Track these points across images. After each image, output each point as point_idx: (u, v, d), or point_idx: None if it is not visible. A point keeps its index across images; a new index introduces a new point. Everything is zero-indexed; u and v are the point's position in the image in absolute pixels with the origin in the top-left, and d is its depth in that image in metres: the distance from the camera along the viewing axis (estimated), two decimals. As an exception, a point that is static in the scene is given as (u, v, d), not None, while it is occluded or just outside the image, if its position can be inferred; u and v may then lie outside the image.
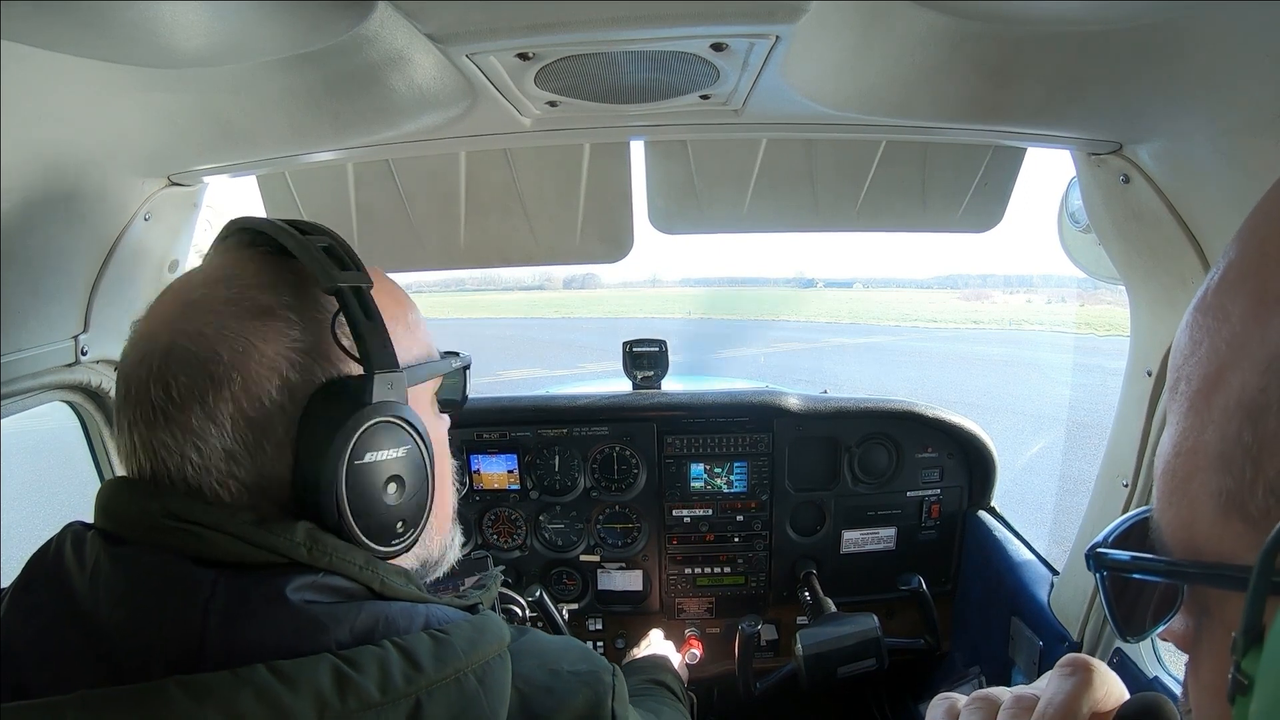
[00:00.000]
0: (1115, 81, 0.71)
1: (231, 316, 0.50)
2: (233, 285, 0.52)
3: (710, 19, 0.69)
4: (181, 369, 0.49)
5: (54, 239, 0.90)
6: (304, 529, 0.48)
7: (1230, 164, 0.78)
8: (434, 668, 0.47)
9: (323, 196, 1.34)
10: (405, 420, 0.53)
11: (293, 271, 0.54)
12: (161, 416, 0.49)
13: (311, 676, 0.42)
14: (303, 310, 0.52)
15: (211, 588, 0.45)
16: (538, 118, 0.97)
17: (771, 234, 1.49)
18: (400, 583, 0.52)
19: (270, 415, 0.49)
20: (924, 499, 1.76)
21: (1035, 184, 1.72)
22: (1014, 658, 1.49)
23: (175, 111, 0.78)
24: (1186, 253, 0.91)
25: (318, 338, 0.52)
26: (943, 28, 0.61)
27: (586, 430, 1.72)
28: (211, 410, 0.48)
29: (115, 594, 0.45)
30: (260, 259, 0.55)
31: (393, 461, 0.52)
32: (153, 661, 0.43)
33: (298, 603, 0.46)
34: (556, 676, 0.55)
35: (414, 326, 0.62)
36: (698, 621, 1.82)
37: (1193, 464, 0.30)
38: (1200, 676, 0.32)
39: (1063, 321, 23.61)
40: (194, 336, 0.49)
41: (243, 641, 0.44)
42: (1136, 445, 1.12)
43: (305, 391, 0.50)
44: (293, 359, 0.50)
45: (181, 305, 0.52)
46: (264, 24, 0.59)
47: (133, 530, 0.48)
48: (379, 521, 0.52)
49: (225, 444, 0.49)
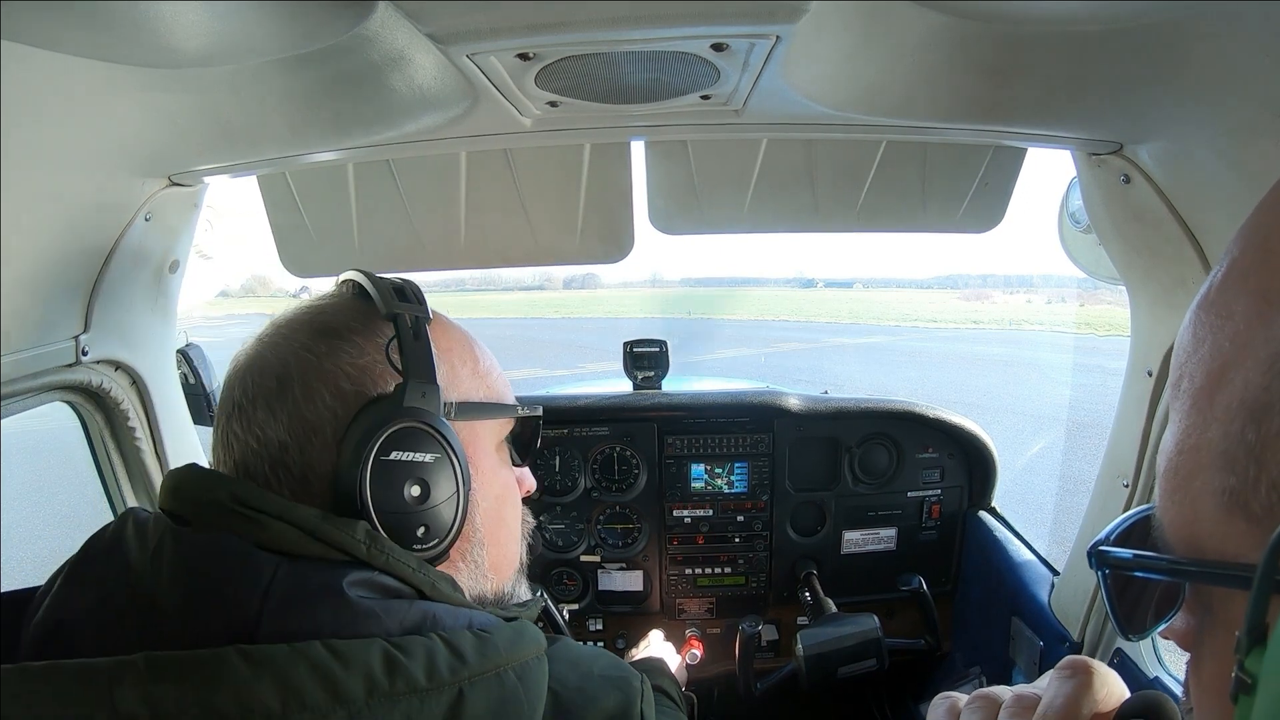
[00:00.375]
0: (1115, 81, 0.71)
1: (303, 332, 0.58)
2: (315, 310, 0.61)
3: (710, 19, 0.69)
4: (257, 373, 0.57)
5: (54, 239, 0.90)
6: (364, 528, 0.52)
7: (1230, 164, 0.78)
8: (477, 661, 0.49)
9: (323, 196, 1.34)
10: (435, 429, 0.57)
11: (369, 305, 0.61)
12: (237, 410, 0.57)
13: (364, 657, 0.45)
14: (365, 334, 0.59)
15: (273, 573, 0.47)
16: (538, 118, 0.97)
17: (771, 234, 1.49)
18: (448, 588, 0.56)
19: (322, 416, 0.55)
20: (924, 499, 1.76)
21: (1035, 184, 1.72)
22: (1014, 658, 1.49)
23: (175, 111, 0.78)
24: (1186, 253, 0.91)
25: (373, 357, 0.58)
26: (943, 28, 0.61)
27: (587, 430, 1.72)
28: (275, 408, 0.55)
29: (176, 573, 0.47)
30: (345, 294, 0.64)
31: (417, 464, 0.56)
32: (210, 638, 0.44)
33: (353, 595, 0.48)
34: (589, 678, 0.58)
35: (484, 374, 0.67)
36: (698, 622, 1.82)
37: (1195, 462, 0.30)
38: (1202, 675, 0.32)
39: (1063, 321, 23.61)
40: (273, 347, 0.58)
41: (298, 625, 0.46)
42: (1137, 445, 1.11)
43: (357, 401, 0.56)
44: (349, 372, 0.57)
45: (273, 325, 0.61)
46: (264, 24, 0.59)
47: (200, 513, 0.51)
48: (399, 519, 0.55)
49: (281, 436, 0.55)
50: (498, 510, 0.67)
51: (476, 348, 0.69)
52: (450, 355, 0.64)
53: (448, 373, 0.62)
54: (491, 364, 0.69)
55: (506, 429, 0.70)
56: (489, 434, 0.67)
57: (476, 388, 0.66)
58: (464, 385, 0.64)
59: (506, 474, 0.70)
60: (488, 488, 0.65)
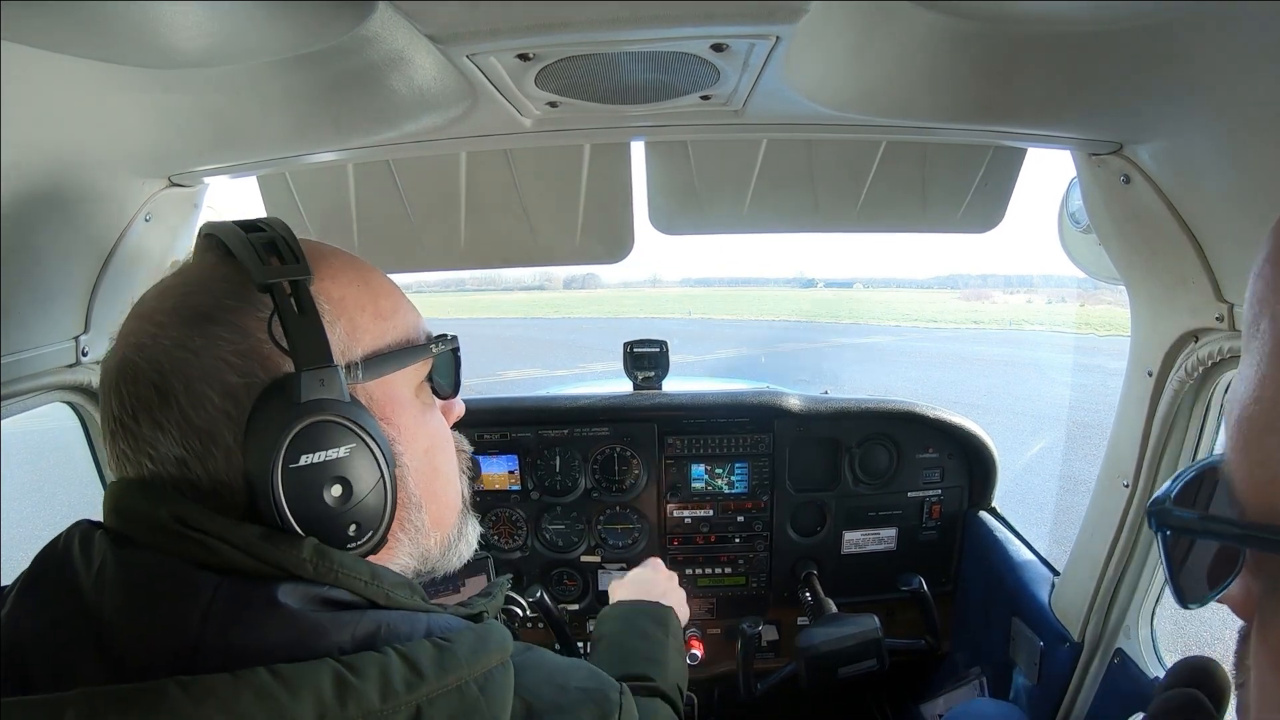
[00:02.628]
0: (1115, 81, 0.71)
1: (171, 325, 0.50)
2: (178, 293, 0.52)
3: (710, 19, 0.69)
4: (129, 382, 0.49)
5: (55, 240, 0.90)
6: (310, 545, 0.48)
7: (1230, 164, 0.78)
8: (435, 675, 0.46)
9: (323, 197, 1.35)
10: (342, 418, 0.51)
11: (239, 272, 0.52)
12: (119, 426, 0.50)
13: (313, 681, 0.42)
14: (243, 310, 0.51)
15: (213, 592, 0.45)
16: (538, 118, 0.97)
17: (771, 234, 1.49)
18: (405, 595, 0.52)
19: (215, 421, 0.48)
20: (925, 499, 1.76)
21: (1035, 184, 1.72)
22: (1015, 658, 1.49)
23: (175, 112, 0.78)
24: (1186, 253, 0.91)
25: (257, 338, 0.50)
26: (943, 28, 0.61)
27: (587, 431, 1.72)
28: (159, 419, 0.48)
29: (119, 594, 0.45)
30: (211, 263, 0.54)
31: (333, 463, 0.50)
32: (155, 662, 0.43)
33: (298, 609, 0.46)
34: (564, 692, 0.55)
35: (387, 314, 0.59)
36: (699, 622, 1.82)
37: (1275, 414, 0.28)
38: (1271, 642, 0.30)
39: (1063, 321, 23.60)
40: (139, 349, 0.50)
41: (241, 645, 0.44)
42: (1137, 445, 1.11)
43: (250, 395, 0.49)
44: (232, 362, 0.49)
45: (134, 318, 0.52)
46: (264, 24, 0.59)
47: (140, 532, 0.48)
48: (325, 526, 0.50)
49: (175, 451, 0.49)
50: (429, 463, 0.61)
51: (373, 284, 0.59)
52: (345, 307, 0.55)
53: (346, 329, 0.55)
54: (393, 298, 0.60)
55: (426, 369, 0.62)
56: (406, 381, 0.60)
57: (382, 333, 0.57)
58: (367, 336, 0.56)
59: (433, 419, 0.63)
60: (414, 444, 0.59)
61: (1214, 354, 0.95)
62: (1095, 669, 1.29)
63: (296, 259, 0.53)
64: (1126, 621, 1.24)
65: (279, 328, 0.50)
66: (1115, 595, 1.23)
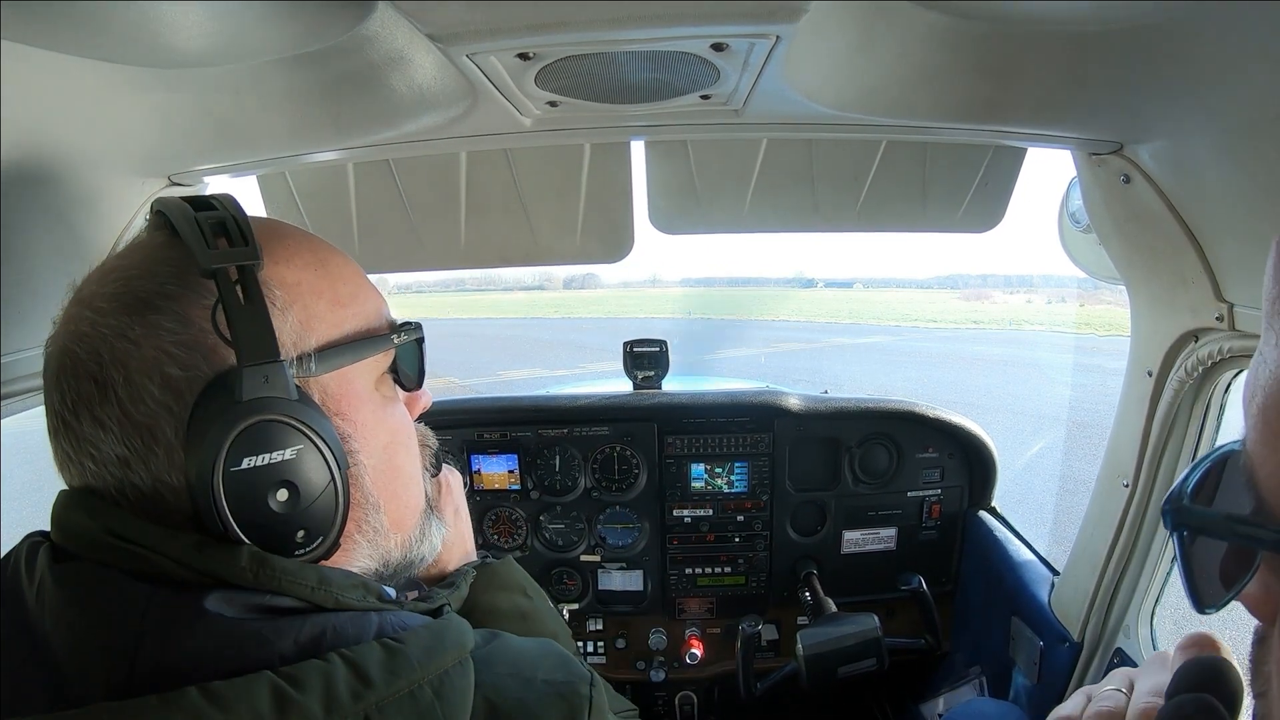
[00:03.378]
0: (1115, 81, 0.71)
1: (111, 313, 0.47)
2: (120, 277, 0.49)
3: (710, 19, 0.69)
4: (68, 374, 0.47)
5: (55, 239, 0.90)
6: (248, 553, 0.46)
7: (1231, 164, 0.78)
8: (385, 681, 0.44)
9: (323, 196, 1.34)
10: (291, 417, 0.48)
11: (185, 255, 0.48)
12: (61, 424, 0.47)
13: (249, 698, 0.40)
14: (186, 298, 0.47)
15: (146, 604, 0.43)
16: (538, 118, 0.97)
17: (771, 234, 1.49)
18: (358, 597, 0.49)
19: (156, 416, 0.46)
20: (924, 499, 1.76)
21: (1035, 184, 1.72)
22: (1014, 658, 1.49)
23: (175, 111, 0.78)
24: (1186, 253, 0.91)
25: (200, 327, 0.47)
26: (943, 28, 0.61)
27: (587, 430, 1.72)
28: (100, 415, 0.46)
29: (57, 611, 0.44)
30: (157, 243, 0.51)
31: (278, 466, 0.47)
32: (92, 682, 0.41)
33: (233, 617, 0.43)
34: (530, 686, 0.51)
35: (345, 301, 0.55)
36: (698, 621, 1.82)
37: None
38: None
39: (1063, 321, 23.59)
40: (79, 338, 0.47)
41: (175, 659, 0.42)
42: (1137, 445, 1.12)
43: (192, 389, 0.46)
44: (174, 354, 0.46)
45: (74, 304, 0.49)
46: (264, 24, 0.59)
47: (78, 545, 0.46)
48: (272, 532, 0.47)
49: (117, 450, 0.46)
50: (389, 461, 0.57)
51: (331, 268, 0.55)
52: (300, 293, 0.52)
53: (299, 317, 0.51)
54: (353, 284, 0.56)
55: (387, 360, 0.58)
56: (365, 373, 0.56)
57: (339, 322, 0.53)
58: (322, 325, 0.52)
59: (394, 412, 0.59)
60: (372, 441, 0.55)
61: (1214, 354, 0.95)
62: (1095, 669, 1.29)
63: (246, 241, 0.49)
64: (1126, 621, 1.24)
65: (223, 317, 0.47)
66: (1115, 595, 1.24)
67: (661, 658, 1.82)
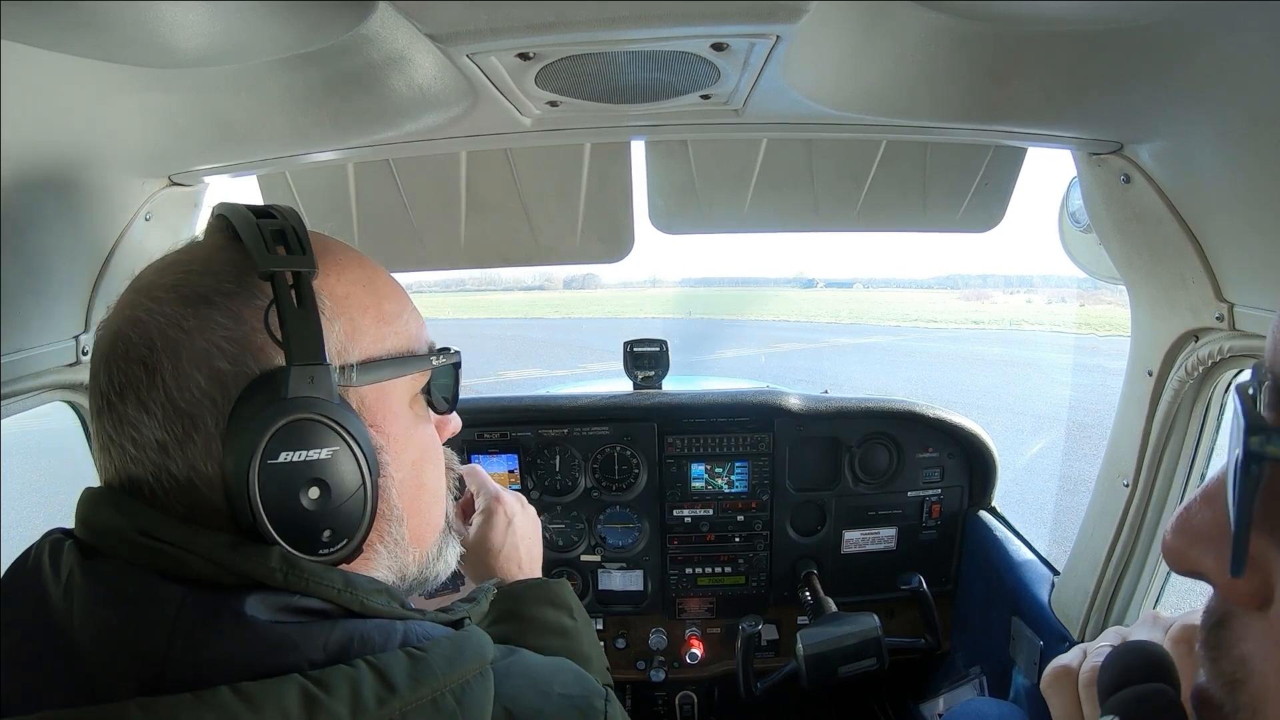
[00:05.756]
0: (1115, 81, 0.71)
1: (169, 303, 0.49)
2: (179, 270, 0.51)
3: (710, 19, 0.69)
4: (119, 356, 0.48)
5: (55, 239, 0.90)
6: (278, 554, 0.47)
7: (1231, 164, 0.78)
8: (409, 688, 0.45)
9: (323, 196, 1.35)
10: (328, 419, 0.49)
11: (244, 256, 0.51)
12: (106, 404, 0.49)
13: (278, 699, 0.41)
14: (241, 297, 0.50)
15: (179, 605, 0.44)
16: (538, 118, 0.97)
17: (772, 234, 1.49)
18: (382, 602, 0.51)
19: (199, 406, 0.47)
20: (925, 499, 1.76)
21: (1035, 184, 1.72)
22: (1015, 657, 1.49)
23: (175, 111, 0.78)
24: (1187, 253, 0.91)
25: (252, 325, 0.49)
26: (943, 28, 0.61)
27: (587, 430, 1.72)
28: (145, 399, 0.47)
29: (86, 609, 0.44)
30: (218, 244, 0.53)
31: (313, 463, 0.49)
32: (122, 680, 0.42)
33: (267, 621, 0.45)
34: (547, 699, 0.53)
35: (389, 319, 0.57)
36: (698, 621, 1.82)
37: None
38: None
39: (1063, 321, 23.60)
40: (135, 323, 0.49)
41: (208, 660, 0.42)
42: (1137, 445, 1.12)
43: (238, 384, 0.48)
44: (225, 349, 0.48)
45: (132, 291, 0.51)
46: (264, 24, 0.59)
47: (107, 543, 0.47)
48: (298, 527, 0.48)
49: (157, 434, 0.47)
50: (416, 477, 0.59)
51: (379, 286, 0.58)
52: (348, 306, 0.54)
53: (345, 329, 0.53)
54: (398, 304, 0.59)
55: (423, 380, 0.60)
56: (401, 390, 0.58)
57: (382, 338, 0.56)
58: (366, 339, 0.55)
59: (424, 431, 0.61)
60: (403, 455, 0.57)
61: (1214, 354, 0.95)
62: (1095, 668, 1.29)
63: (303, 250, 0.52)
64: (1126, 621, 1.24)
65: (275, 319, 0.49)
66: (1115, 595, 1.23)
67: (661, 657, 1.82)
